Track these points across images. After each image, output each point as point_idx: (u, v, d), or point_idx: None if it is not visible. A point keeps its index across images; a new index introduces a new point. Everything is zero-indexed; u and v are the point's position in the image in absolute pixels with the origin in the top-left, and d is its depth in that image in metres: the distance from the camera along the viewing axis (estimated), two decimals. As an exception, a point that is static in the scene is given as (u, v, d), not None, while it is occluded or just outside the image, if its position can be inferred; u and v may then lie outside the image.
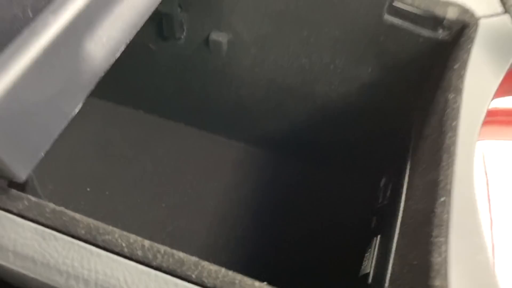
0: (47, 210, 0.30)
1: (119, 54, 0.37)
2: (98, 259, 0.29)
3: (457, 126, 0.37)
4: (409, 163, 0.46)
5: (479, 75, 0.41)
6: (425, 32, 0.47)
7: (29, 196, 0.31)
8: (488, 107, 0.39)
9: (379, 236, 0.49)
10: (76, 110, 0.33)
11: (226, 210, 0.68)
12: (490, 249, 0.35)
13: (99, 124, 0.74)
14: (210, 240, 0.65)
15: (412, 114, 0.53)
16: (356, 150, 0.67)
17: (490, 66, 0.41)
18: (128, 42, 0.37)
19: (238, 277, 0.28)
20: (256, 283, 0.28)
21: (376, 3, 0.47)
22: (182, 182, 0.70)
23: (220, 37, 0.57)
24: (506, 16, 0.44)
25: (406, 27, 0.48)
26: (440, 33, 0.47)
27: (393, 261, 0.39)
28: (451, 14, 0.45)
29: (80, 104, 0.34)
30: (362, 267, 0.51)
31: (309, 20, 0.51)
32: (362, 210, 0.63)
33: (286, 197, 0.70)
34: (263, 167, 0.72)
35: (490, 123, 0.42)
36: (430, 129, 0.42)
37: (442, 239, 0.31)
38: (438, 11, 0.45)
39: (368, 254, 0.51)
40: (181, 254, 0.29)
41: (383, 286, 0.39)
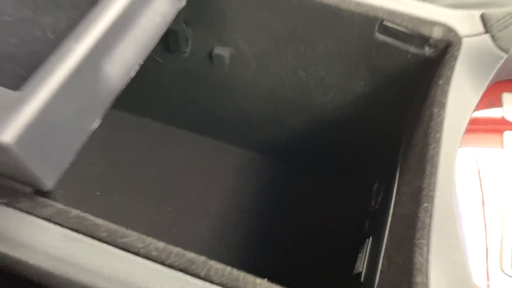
0: (71, 216, 0.33)
1: (134, 74, 0.40)
2: (118, 259, 0.31)
3: (440, 138, 0.39)
4: (398, 170, 0.48)
5: (461, 90, 0.42)
6: (413, 49, 0.49)
7: (54, 202, 0.33)
8: (469, 120, 0.41)
9: (371, 238, 0.51)
10: (95, 126, 0.36)
11: (228, 213, 0.69)
12: (484, 252, 0.37)
13: (108, 131, 0.74)
14: (213, 241, 0.66)
15: (401, 124, 0.55)
16: (350, 156, 0.68)
17: (471, 83, 0.43)
18: (141, 62, 0.40)
19: (242, 274, 0.31)
20: (258, 280, 0.31)
21: (368, 22, 0.48)
22: (187, 187, 0.71)
23: (223, 51, 0.59)
24: (487, 36, 0.46)
25: (395, 44, 0.49)
26: (427, 50, 0.48)
27: (382, 261, 0.42)
28: (437, 33, 0.46)
29: (99, 120, 0.37)
30: (356, 266, 0.53)
31: (305, 37, 0.53)
32: (356, 214, 0.65)
33: (285, 200, 0.71)
34: (263, 172, 0.73)
35: (473, 131, 0.45)
36: (416, 139, 0.44)
37: (424, 241, 0.33)
38: (425, 31, 0.47)
39: (361, 254, 0.52)
40: (191, 254, 0.32)
41: (373, 283, 0.41)
